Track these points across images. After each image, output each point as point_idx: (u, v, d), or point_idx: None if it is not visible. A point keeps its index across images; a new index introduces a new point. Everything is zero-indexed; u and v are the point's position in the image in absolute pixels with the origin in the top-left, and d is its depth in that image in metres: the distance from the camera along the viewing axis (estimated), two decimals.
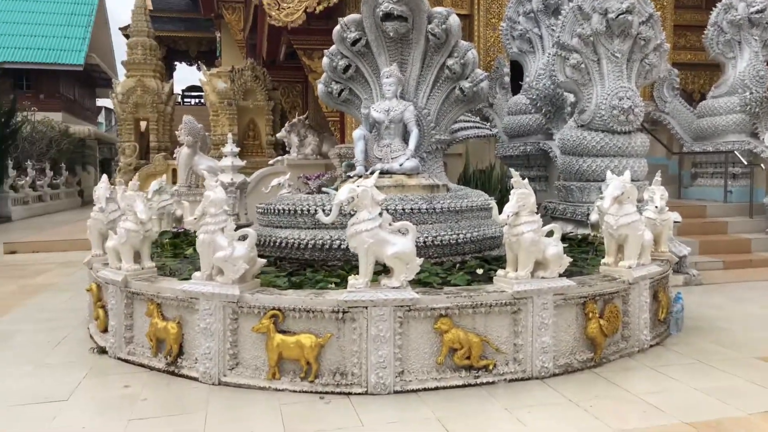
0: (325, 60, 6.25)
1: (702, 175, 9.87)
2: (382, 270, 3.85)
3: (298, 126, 12.02)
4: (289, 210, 5.08)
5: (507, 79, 10.27)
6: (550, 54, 7.13)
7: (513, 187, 3.88)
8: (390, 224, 3.68)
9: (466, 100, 6.32)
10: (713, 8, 9.69)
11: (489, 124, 10.44)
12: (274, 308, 3.62)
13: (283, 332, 3.61)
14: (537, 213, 3.92)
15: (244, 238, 3.79)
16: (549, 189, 8.37)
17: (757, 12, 9.10)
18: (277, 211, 5.23)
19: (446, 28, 5.96)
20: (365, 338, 3.54)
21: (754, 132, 9.03)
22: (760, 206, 8.59)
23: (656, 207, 5.06)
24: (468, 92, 6.21)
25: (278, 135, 12.88)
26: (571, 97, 7.83)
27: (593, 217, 6.38)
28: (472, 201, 5.32)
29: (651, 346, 4.38)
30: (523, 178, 3.90)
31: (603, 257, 4.59)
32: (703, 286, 6.56)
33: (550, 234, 4.00)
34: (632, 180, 6.95)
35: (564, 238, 6.83)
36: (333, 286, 3.95)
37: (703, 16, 9.86)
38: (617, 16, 6.63)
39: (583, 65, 6.92)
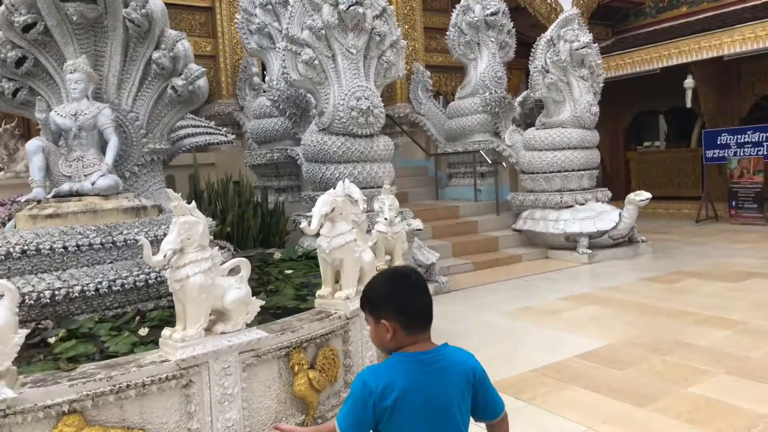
0: None
1: (456, 176, 9.99)
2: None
3: (5, 137, 9.67)
4: None
5: (257, 79, 9.31)
6: (279, 48, 6.31)
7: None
8: None
9: (182, 100, 5.27)
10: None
11: (239, 129, 9.39)
12: None
13: None
14: (215, 246, 2.96)
15: None
16: (301, 200, 7.59)
17: (492, 14, 9.40)
18: None
19: (147, 13, 4.87)
20: None
21: (497, 131, 9.30)
22: (505, 203, 8.84)
23: (386, 219, 4.45)
24: (182, 91, 5.19)
25: None
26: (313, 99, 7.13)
27: None
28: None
29: None
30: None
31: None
32: (451, 293, 6.25)
33: (236, 271, 3.06)
34: (376, 186, 6.48)
35: (308, 257, 6.06)
36: None
37: (449, 19, 9.97)
38: (348, 8, 6.06)
39: (317, 61, 6.22)
